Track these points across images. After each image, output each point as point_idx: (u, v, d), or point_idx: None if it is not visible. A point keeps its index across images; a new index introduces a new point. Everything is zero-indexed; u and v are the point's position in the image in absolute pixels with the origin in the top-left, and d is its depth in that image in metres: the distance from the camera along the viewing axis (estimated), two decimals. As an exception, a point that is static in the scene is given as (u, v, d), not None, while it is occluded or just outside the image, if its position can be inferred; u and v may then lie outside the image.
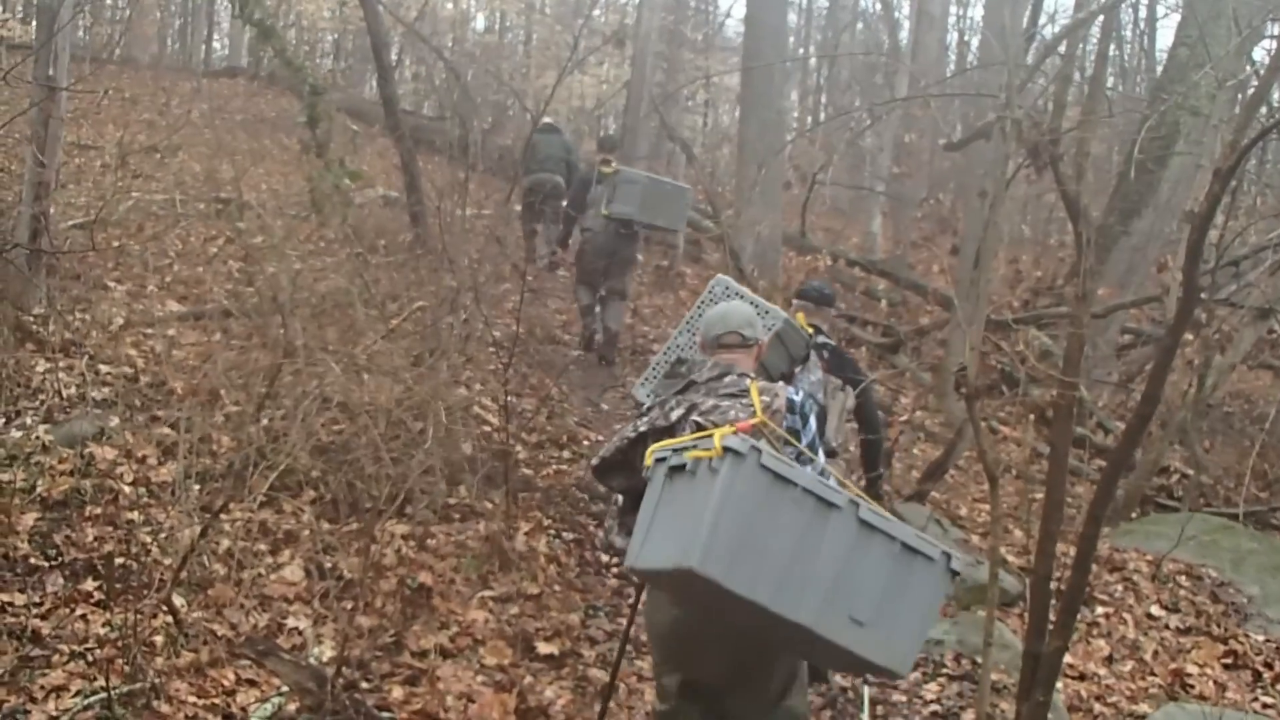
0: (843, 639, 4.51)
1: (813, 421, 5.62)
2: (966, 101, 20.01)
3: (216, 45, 40.25)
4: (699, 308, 7.16)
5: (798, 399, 5.56)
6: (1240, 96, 14.05)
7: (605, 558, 9.55)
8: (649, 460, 5.09)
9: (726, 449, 4.46)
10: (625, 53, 29.45)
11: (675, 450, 4.87)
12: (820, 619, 4.49)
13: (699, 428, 5.17)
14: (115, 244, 12.68)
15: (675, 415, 5.42)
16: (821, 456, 5.42)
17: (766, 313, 7.06)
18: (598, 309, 14.48)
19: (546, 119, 18.01)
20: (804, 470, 4.66)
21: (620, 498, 5.82)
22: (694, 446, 4.71)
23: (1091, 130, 8.30)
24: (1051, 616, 6.29)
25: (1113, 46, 24.29)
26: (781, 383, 5.95)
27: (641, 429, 5.52)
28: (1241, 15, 12.26)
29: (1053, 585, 6.54)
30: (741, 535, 4.42)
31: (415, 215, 14.56)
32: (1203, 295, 9.95)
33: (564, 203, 16.06)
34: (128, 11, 29.58)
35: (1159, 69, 23.08)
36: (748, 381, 5.44)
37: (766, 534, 4.45)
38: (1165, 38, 39.85)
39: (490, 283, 12.29)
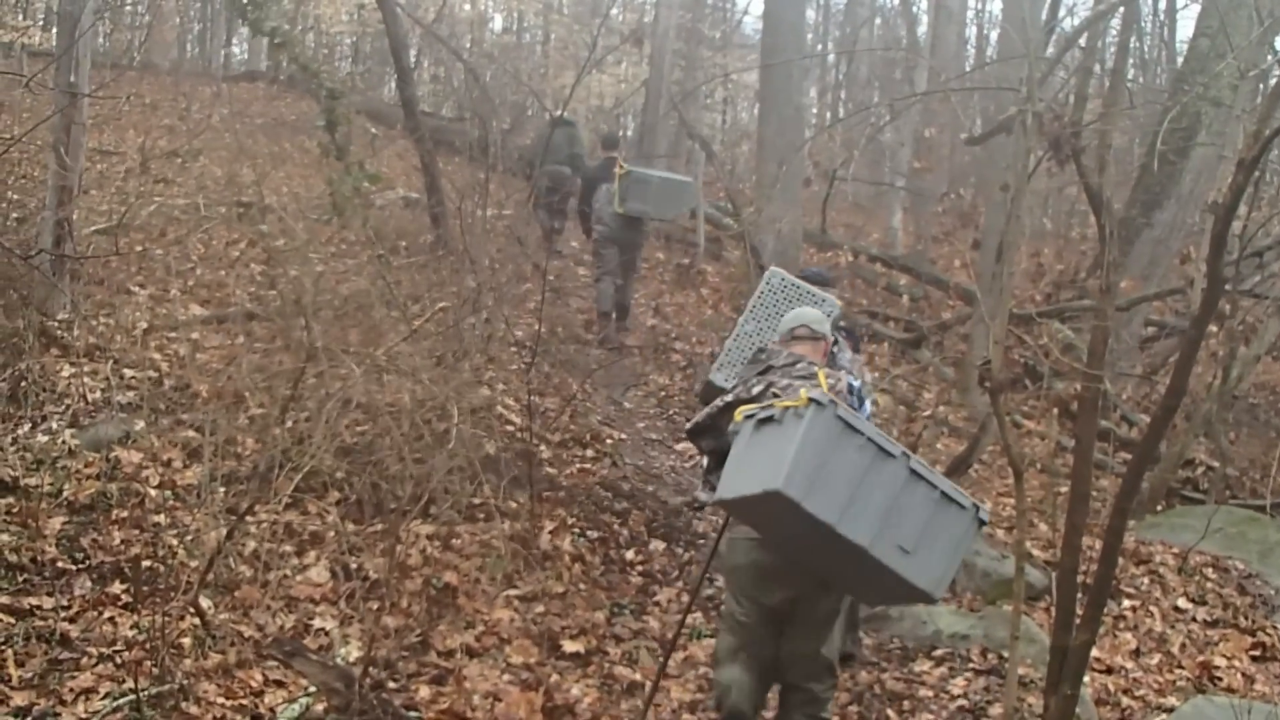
0: (892, 562, 5.56)
1: (867, 405, 7.09)
2: (986, 96, 19.93)
3: (236, 50, 40.27)
4: (759, 297, 8.47)
5: (856, 384, 6.89)
6: (1262, 87, 14.00)
7: (630, 555, 9.59)
8: (738, 418, 6.33)
9: (811, 400, 5.58)
10: (643, 51, 29.40)
11: (762, 409, 6.03)
12: (875, 542, 5.53)
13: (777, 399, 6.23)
14: (138, 249, 12.71)
15: (756, 390, 6.63)
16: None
17: (824, 300, 8.38)
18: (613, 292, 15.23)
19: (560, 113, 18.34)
20: (868, 423, 5.82)
21: (706, 460, 7.18)
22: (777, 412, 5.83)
23: (1113, 123, 8.28)
24: (1078, 610, 6.28)
25: (1133, 38, 24.18)
26: (843, 371, 7.31)
27: (729, 399, 6.80)
28: (1263, 4, 12.23)
29: (1079, 578, 6.52)
30: (817, 468, 5.47)
31: (436, 216, 14.57)
32: (1226, 286, 9.95)
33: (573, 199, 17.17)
34: (147, 17, 29.54)
35: (1179, 60, 22.99)
36: (815, 368, 6.65)
37: (836, 470, 5.50)
38: (1185, 29, 39.79)
39: (512, 282, 12.30)
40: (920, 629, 9.09)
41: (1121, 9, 12.34)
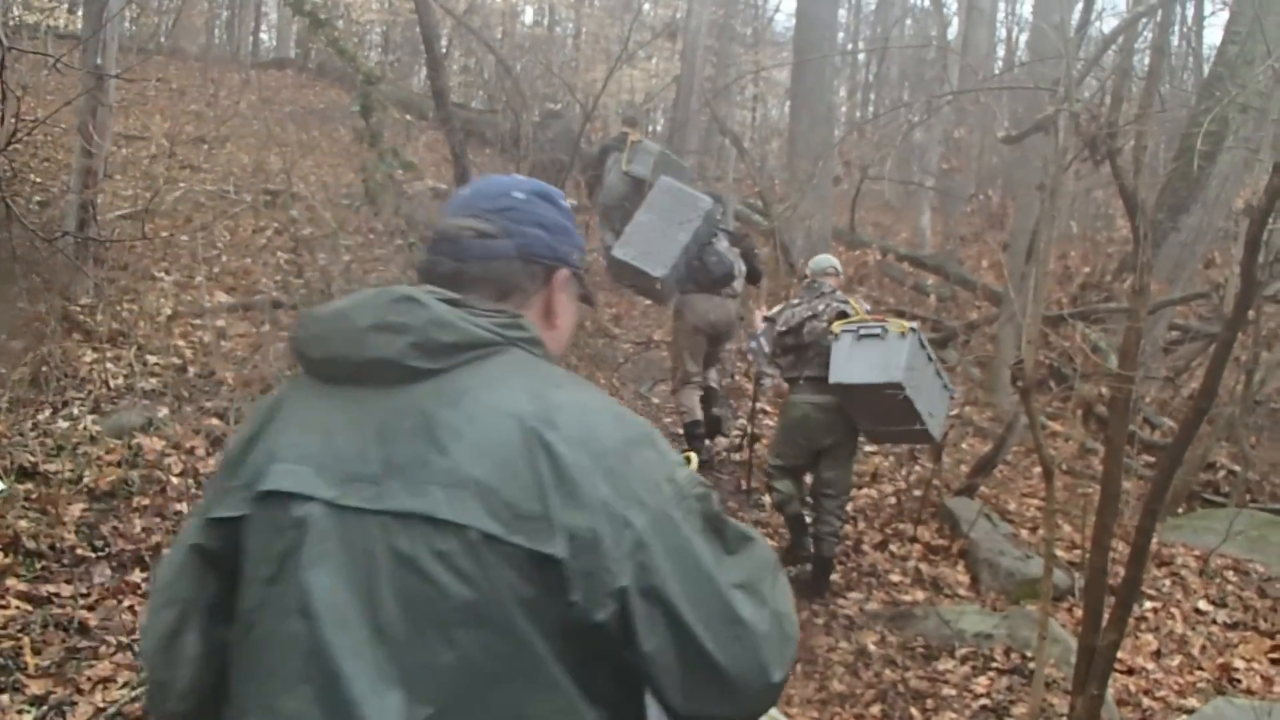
0: (927, 421, 9.31)
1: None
2: (1015, 97, 19.86)
3: (264, 37, 40.33)
4: (653, 195, 11.74)
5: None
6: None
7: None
8: (836, 329, 9.48)
9: (911, 329, 9.15)
10: (676, 47, 29.34)
11: (864, 327, 9.33)
12: (928, 415, 9.33)
13: (841, 314, 9.75)
14: (164, 234, 12.65)
15: (820, 307, 9.97)
16: None
17: (700, 198, 11.55)
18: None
19: (551, 104, 18.91)
20: (926, 341, 9.55)
21: (769, 347, 10.37)
22: (882, 326, 9.22)
23: (1149, 123, 8.21)
24: (1105, 610, 6.23)
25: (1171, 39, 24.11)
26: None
27: (806, 314, 10.00)
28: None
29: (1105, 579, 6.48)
30: (911, 370, 9.00)
31: (466, 207, 14.56)
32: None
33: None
34: (176, 1, 29.55)
35: (1206, 67, 22.87)
36: (846, 297, 10.18)
37: (918, 369, 9.13)
38: (1212, 36, 39.57)
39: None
40: (944, 628, 9.04)
41: (1160, 11, 12.25)
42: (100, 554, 7.02)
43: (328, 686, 2.10)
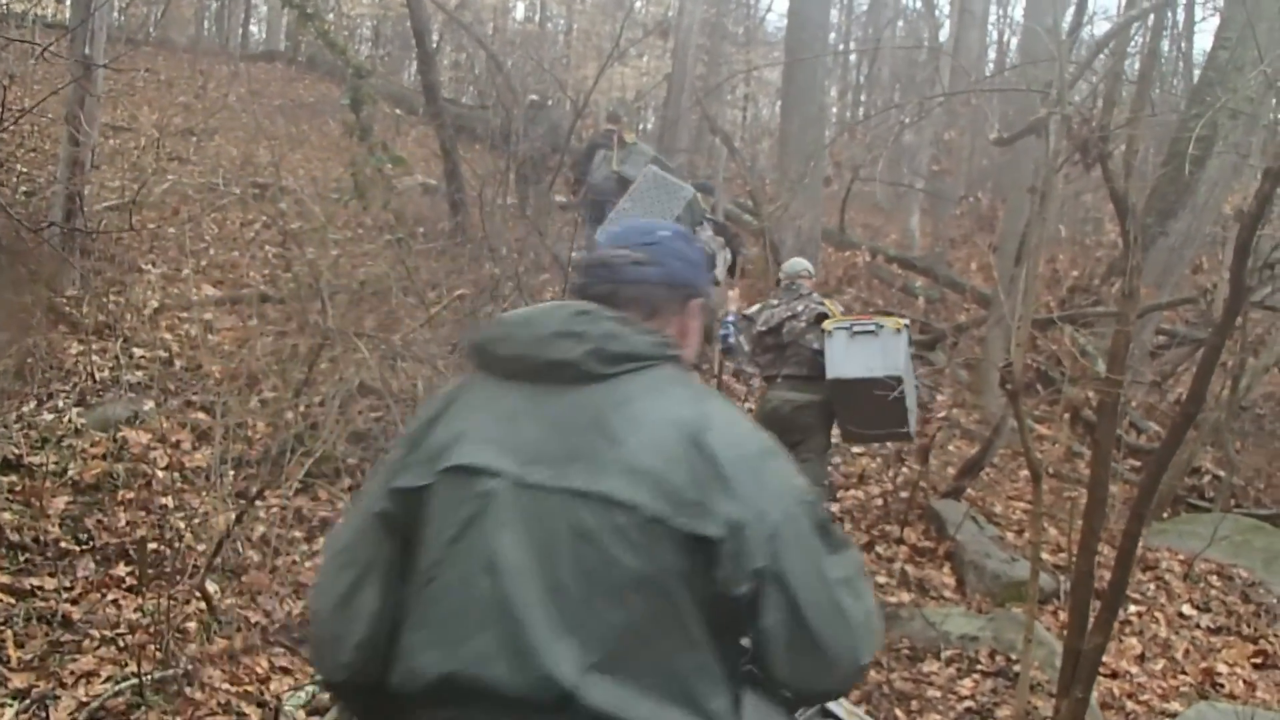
0: (910, 419, 9.62)
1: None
2: (1006, 99, 19.87)
3: (254, 29, 40.30)
4: (638, 185, 12.17)
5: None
6: None
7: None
8: (829, 327, 9.70)
9: (905, 325, 9.49)
10: (667, 45, 29.34)
11: (858, 325, 9.68)
12: (912, 409, 9.68)
13: (820, 315, 10.05)
14: (151, 226, 12.63)
15: (799, 308, 10.23)
16: None
17: (681, 188, 11.97)
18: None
19: (533, 96, 19.08)
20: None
21: (747, 344, 10.80)
22: (875, 323, 9.61)
23: (1141, 127, 8.23)
24: (1091, 614, 6.24)
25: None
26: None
27: (785, 314, 10.31)
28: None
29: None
30: (907, 364, 9.43)
31: (455, 203, 14.56)
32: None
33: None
34: (165, -8, 29.54)
35: (1196, 73, 22.94)
36: (819, 296, 10.52)
37: (908, 365, 9.44)
38: (1203, 41, 39.66)
39: (530, 272, 12.25)
40: (929, 629, 9.05)
41: (1152, 16, 12.27)
42: (84, 547, 6.98)
43: (510, 632, 2.51)
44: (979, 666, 8.72)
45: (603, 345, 2.70)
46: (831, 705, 3.36)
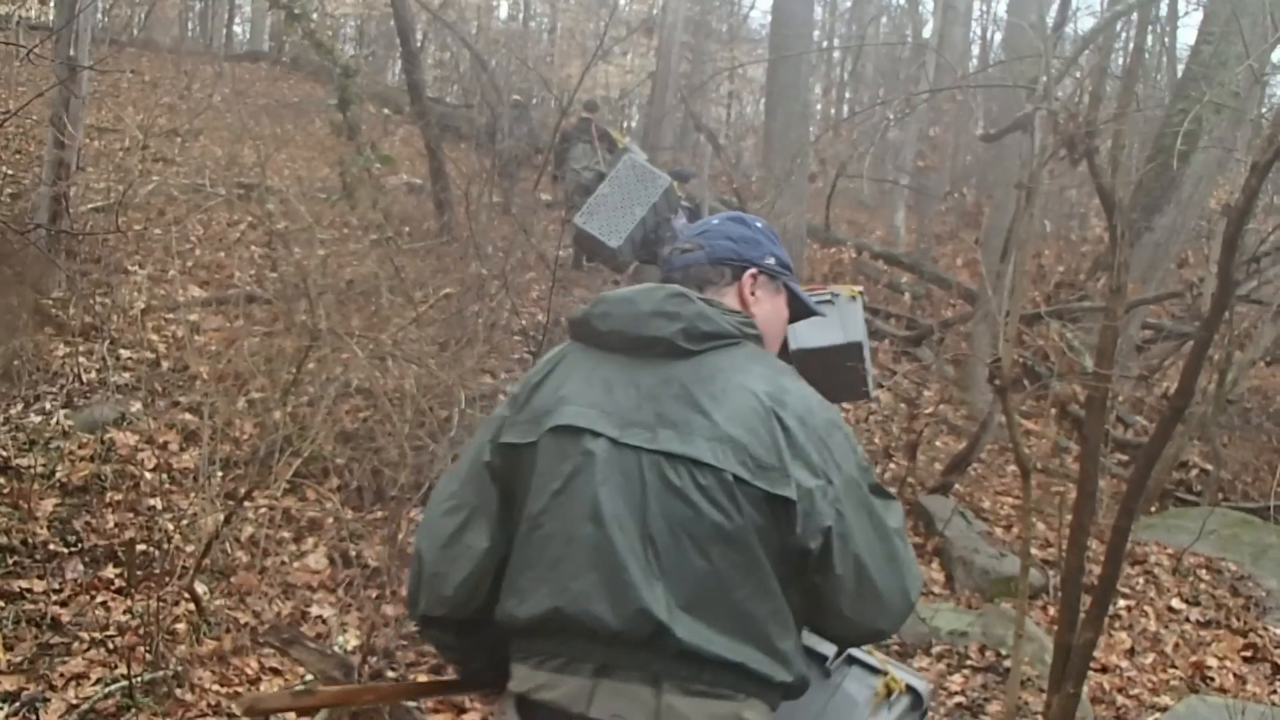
0: (869, 381, 8.72)
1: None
2: (990, 95, 19.88)
3: (238, 30, 40.32)
4: (616, 172, 12.20)
5: None
6: (1265, 92, 13.98)
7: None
8: None
9: (860, 292, 8.58)
10: (651, 43, 29.36)
11: (817, 295, 8.29)
12: (871, 372, 8.68)
13: None
14: (137, 227, 12.61)
15: None
16: None
17: (659, 176, 12.10)
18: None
19: (515, 96, 19.41)
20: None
21: None
22: (831, 293, 8.71)
23: (1127, 122, 8.22)
24: (1082, 608, 6.23)
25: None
26: None
27: None
28: (1267, 8, 12.18)
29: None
30: (863, 328, 8.55)
31: (440, 202, 14.56)
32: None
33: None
34: (149, -7, 29.51)
35: (1179, 68, 22.94)
36: None
37: (864, 330, 8.53)
38: (1186, 35, 39.69)
39: (516, 270, 12.27)
40: (918, 625, 9.03)
41: (1136, 12, 12.26)
42: (73, 549, 6.98)
43: (612, 573, 2.86)
44: (969, 662, 8.68)
45: (693, 324, 3.05)
46: (854, 651, 3.65)
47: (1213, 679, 9.16)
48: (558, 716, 2.95)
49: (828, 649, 3.63)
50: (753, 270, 3.41)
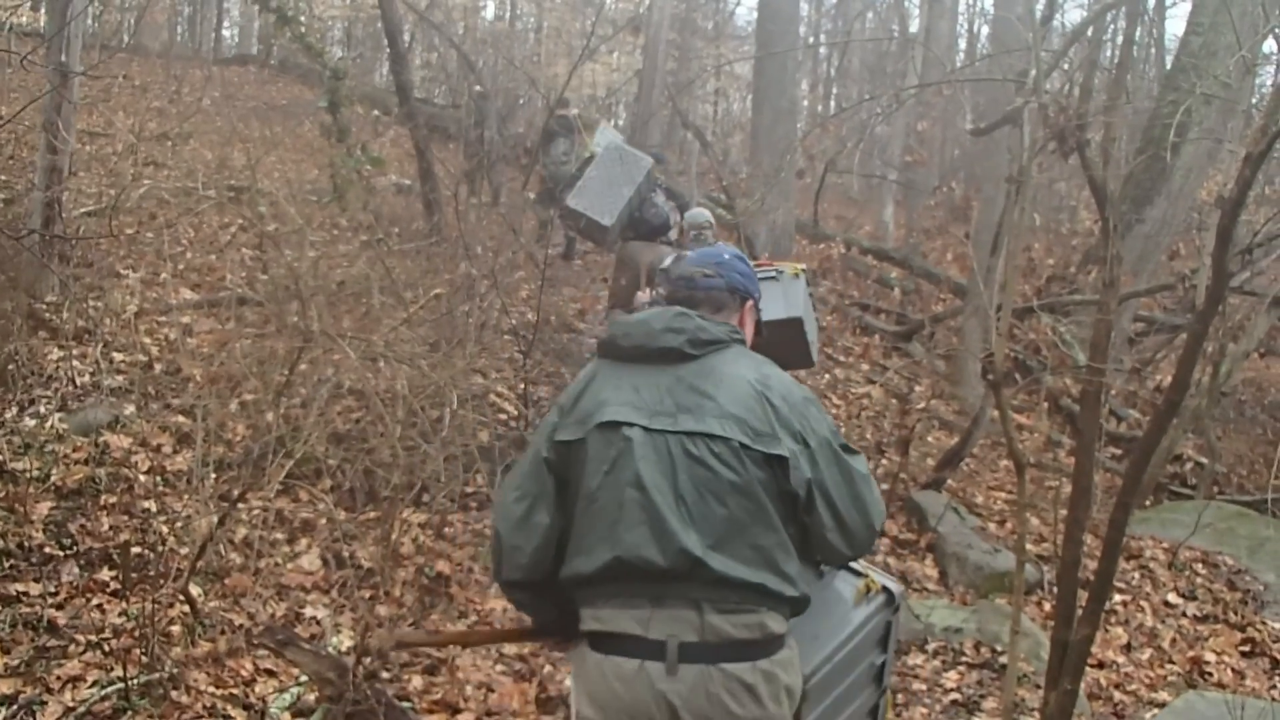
0: (811, 349, 9.75)
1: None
2: (977, 89, 19.89)
3: (226, 33, 40.24)
4: (602, 153, 13.66)
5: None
6: (1257, 83, 13.99)
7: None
8: None
9: (802, 270, 9.66)
10: (637, 41, 29.34)
11: (763, 272, 8.99)
12: (812, 340, 9.76)
13: None
14: (129, 231, 12.62)
15: None
16: None
17: (640, 157, 13.30)
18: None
19: (477, 87, 19.93)
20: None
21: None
22: (776, 270, 9.59)
23: (1118, 115, 8.25)
24: (1079, 604, 6.23)
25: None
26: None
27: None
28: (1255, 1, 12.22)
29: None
30: (807, 305, 9.57)
31: (430, 203, 14.56)
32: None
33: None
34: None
35: (1168, 59, 22.96)
36: (723, 245, 10.19)
37: (808, 306, 9.60)
38: (1174, 26, 39.71)
39: (506, 270, 12.27)
40: (914, 622, 9.04)
41: (1126, 4, 12.29)
42: (68, 552, 6.99)
43: (656, 524, 3.65)
44: (964, 658, 8.71)
45: (695, 335, 3.90)
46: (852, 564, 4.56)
47: (1210, 674, 9.17)
48: (624, 641, 3.74)
49: None
50: (751, 302, 4.38)
